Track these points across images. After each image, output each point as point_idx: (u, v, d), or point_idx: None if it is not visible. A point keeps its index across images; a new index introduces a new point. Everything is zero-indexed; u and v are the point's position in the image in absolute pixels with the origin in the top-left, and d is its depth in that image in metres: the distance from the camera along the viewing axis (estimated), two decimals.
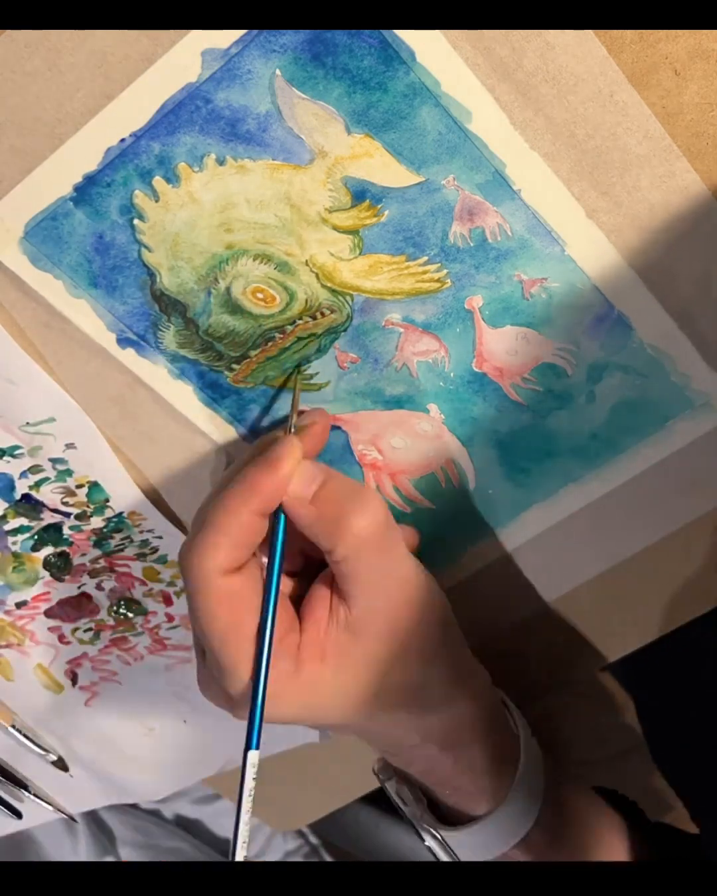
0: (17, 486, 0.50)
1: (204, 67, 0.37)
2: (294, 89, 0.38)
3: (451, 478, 0.48)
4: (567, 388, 0.45)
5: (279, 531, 0.40)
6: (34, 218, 0.40)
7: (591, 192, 0.40)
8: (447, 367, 0.45)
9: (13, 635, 0.57)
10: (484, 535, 0.50)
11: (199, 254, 0.41)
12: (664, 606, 0.53)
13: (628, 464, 0.47)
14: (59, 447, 0.47)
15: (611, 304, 0.43)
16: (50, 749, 0.62)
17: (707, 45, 0.37)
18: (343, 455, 0.47)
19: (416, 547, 0.48)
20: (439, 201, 0.40)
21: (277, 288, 0.42)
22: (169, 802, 0.83)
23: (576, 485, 0.48)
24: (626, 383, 0.45)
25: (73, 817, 0.67)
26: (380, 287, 0.42)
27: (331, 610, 0.41)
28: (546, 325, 0.44)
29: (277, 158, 0.39)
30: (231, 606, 0.38)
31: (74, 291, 0.42)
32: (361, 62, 0.37)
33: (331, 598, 0.41)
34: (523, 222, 0.41)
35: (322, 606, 0.41)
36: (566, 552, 0.51)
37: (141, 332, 0.43)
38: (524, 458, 0.47)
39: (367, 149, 0.39)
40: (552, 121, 0.38)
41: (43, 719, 0.61)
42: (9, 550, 0.52)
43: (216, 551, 0.38)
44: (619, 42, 0.37)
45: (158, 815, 0.82)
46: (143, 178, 0.39)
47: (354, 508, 0.39)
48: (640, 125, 0.38)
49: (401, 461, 0.48)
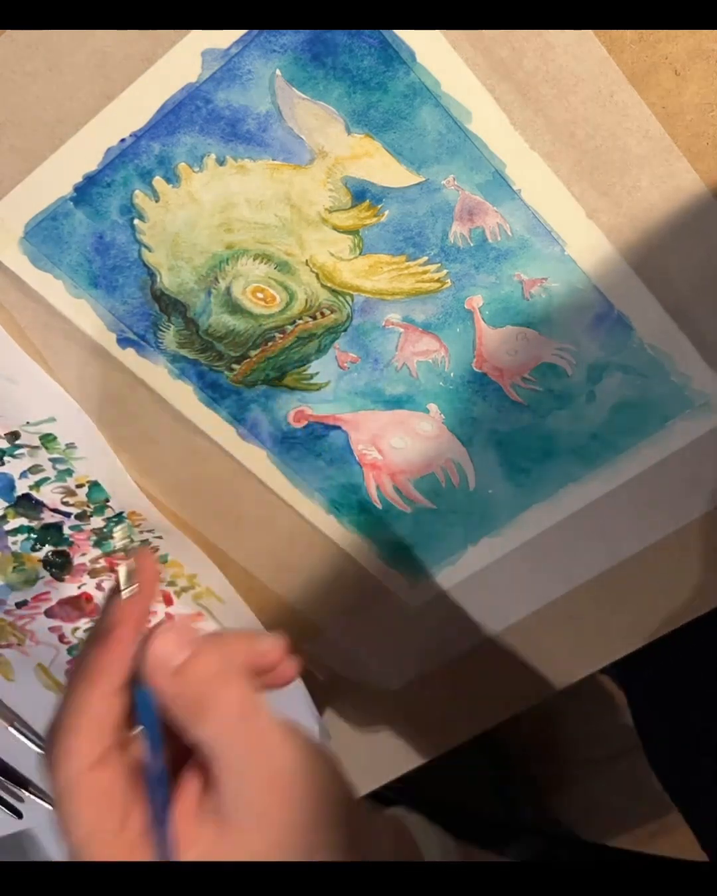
0: (17, 486, 0.49)
1: (204, 67, 0.37)
2: (294, 89, 0.38)
3: (451, 478, 0.48)
4: (567, 388, 0.45)
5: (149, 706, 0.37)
6: (34, 218, 0.40)
7: (591, 192, 0.40)
8: (447, 367, 0.45)
9: (13, 635, 0.56)
10: (484, 535, 0.50)
11: (199, 254, 0.41)
12: (663, 606, 0.53)
13: (628, 464, 0.47)
14: (59, 447, 0.47)
15: (611, 304, 0.43)
16: None
17: (707, 45, 0.37)
18: (343, 455, 0.47)
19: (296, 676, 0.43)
20: (439, 201, 0.40)
21: (277, 288, 0.42)
22: None
23: (576, 485, 0.48)
24: (626, 383, 0.45)
25: None
26: (380, 287, 0.42)
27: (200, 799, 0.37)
28: (546, 325, 0.44)
29: (278, 158, 0.39)
30: (96, 804, 0.36)
31: (74, 291, 0.42)
32: (361, 62, 0.37)
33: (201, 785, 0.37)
34: (523, 222, 0.41)
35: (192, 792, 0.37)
36: (566, 552, 0.51)
37: (141, 332, 0.43)
38: (524, 458, 0.47)
39: (367, 149, 0.39)
40: (552, 121, 0.38)
41: (43, 719, 0.61)
42: (9, 550, 0.52)
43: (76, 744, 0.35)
44: (619, 42, 0.37)
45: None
46: (143, 178, 0.39)
47: (221, 687, 0.36)
48: (640, 125, 0.38)
49: (401, 461, 0.48)
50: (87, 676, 0.36)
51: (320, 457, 0.47)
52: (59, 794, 0.36)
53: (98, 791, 0.36)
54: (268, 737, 0.37)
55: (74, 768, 0.35)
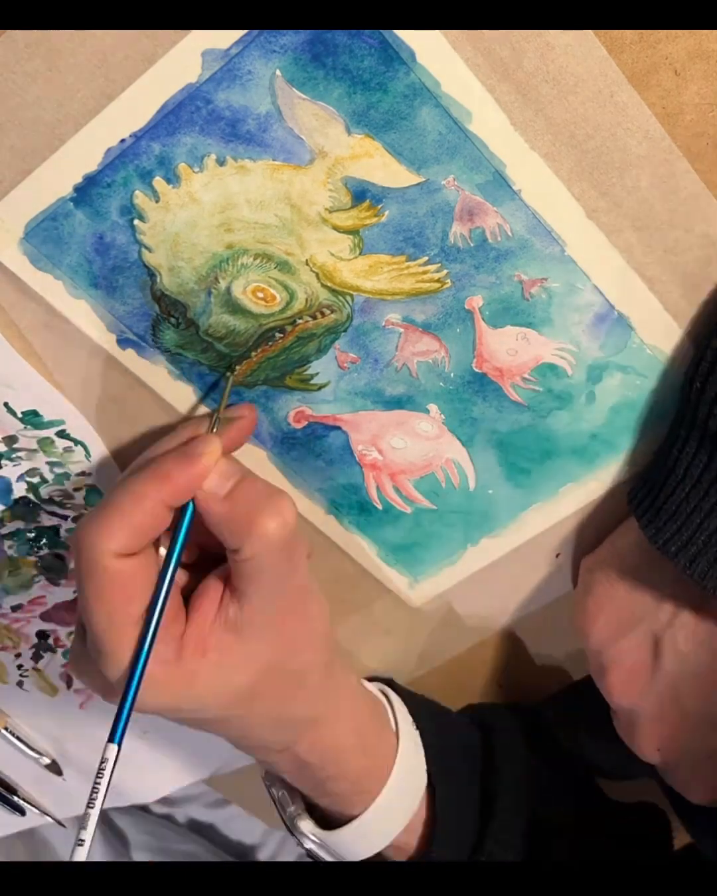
0: (14, 489, 0.49)
1: (204, 68, 0.37)
2: (294, 90, 0.38)
3: (451, 478, 0.48)
4: (567, 388, 0.46)
5: (184, 524, 0.39)
6: (34, 218, 0.40)
7: (591, 192, 0.40)
8: (447, 367, 0.45)
9: (8, 638, 0.56)
10: (484, 535, 0.50)
11: (199, 254, 0.41)
12: None
13: (627, 464, 0.48)
14: (57, 450, 0.47)
15: (611, 304, 0.43)
16: (44, 752, 0.62)
17: (707, 45, 0.37)
18: (343, 455, 0.47)
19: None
20: (440, 201, 0.40)
21: (277, 287, 0.42)
22: (182, 806, 0.82)
23: (576, 485, 0.48)
24: (626, 383, 0.45)
25: (62, 822, 0.67)
26: (380, 287, 0.42)
27: (220, 606, 0.40)
28: (546, 325, 0.44)
29: (278, 159, 0.39)
30: (120, 589, 0.37)
31: (74, 292, 0.42)
32: (361, 62, 0.37)
33: (223, 594, 0.40)
34: (523, 222, 0.41)
35: (212, 601, 0.40)
36: (566, 553, 0.51)
37: (141, 332, 0.43)
38: (524, 458, 0.47)
39: (367, 149, 0.39)
40: (552, 121, 0.39)
41: (37, 722, 0.61)
42: (4, 554, 0.52)
43: (115, 534, 0.37)
44: (619, 42, 0.37)
45: (171, 819, 0.82)
46: (143, 178, 0.39)
47: (267, 510, 0.38)
48: (640, 125, 0.39)
49: (401, 461, 0.48)
50: (154, 481, 0.37)
51: (320, 457, 0.47)
52: (82, 572, 0.37)
53: (122, 576, 0.37)
54: (301, 565, 0.40)
55: (105, 551, 0.37)
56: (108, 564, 0.37)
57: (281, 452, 0.47)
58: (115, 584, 0.37)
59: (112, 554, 0.37)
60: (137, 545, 0.38)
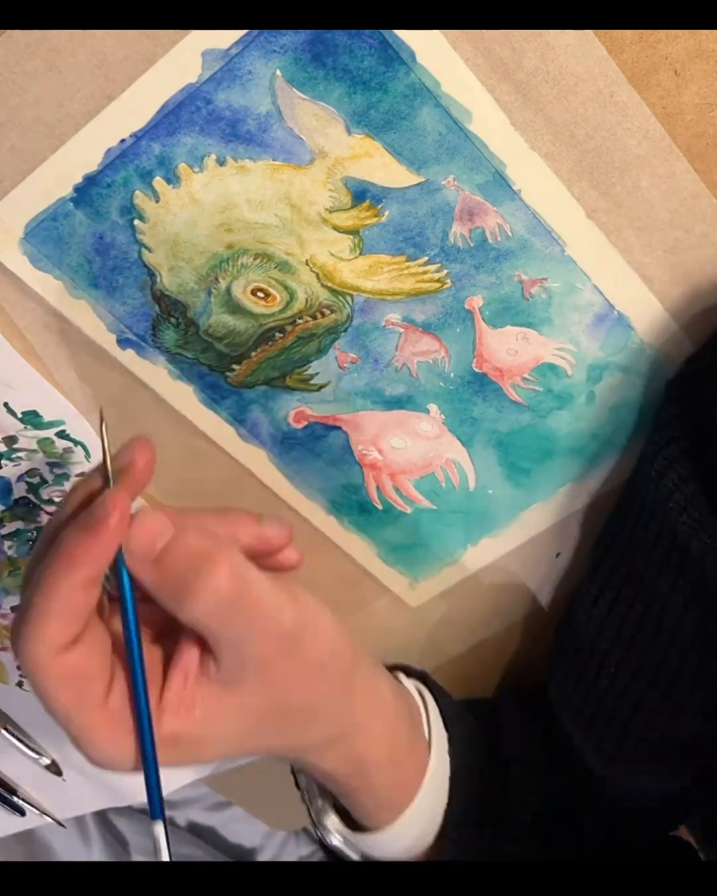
0: (14, 490, 0.49)
1: (204, 68, 0.37)
2: (294, 90, 0.38)
3: (451, 478, 0.48)
4: (567, 388, 0.46)
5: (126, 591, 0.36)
6: (34, 218, 0.40)
7: (591, 192, 0.40)
8: (447, 367, 0.45)
9: (8, 638, 0.56)
10: (484, 535, 0.50)
11: (199, 254, 0.41)
12: None
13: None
14: (57, 451, 0.47)
15: (611, 304, 0.43)
16: (44, 752, 0.62)
17: (707, 45, 0.37)
18: (343, 455, 0.47)
19: (298, 564, 0.42)
20: (440, 201, 0.40)
21: (277, 287, 0.42)
22: (182, 809, 0.82)
23: (576, 485, 0.48)
24: (626, 383, 0.45)
25: (62, 823, 0.67)
26: (380, 287, 0.42)
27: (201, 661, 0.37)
28: (546, 325, 0.44)
29: (278, 159, 0.39)
30: (70, 685, 0.35)
31: (74, 292, 0.42)
32: (361, 62, 0.37)
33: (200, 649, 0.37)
34: (524, 222, 0.41)
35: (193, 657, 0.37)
36: (566, 552, 0.51)
37: (141, 332, 0.43)
38: (524, 458, 0.47)
39: (367, 149, 0.39)
40: (552, 121, 0.39)
41: (37, 723, 0.61)
42: (4, 555, 0.52)
43: (45, 634, 0.34)
44: (619, 42, 0.37)
45: (172, 822, 0.82)
46: (143, 178, 0.39)
47: (202, 573, 0.34)
48: (640, 125, 0.39)
49: (401, 461, 0.48)
50: (66, 563, 0.34)
51: (321, 457, 0.47)
52: (29, 677, 0.35)
53: (70, 672, 0.35)
54: (264, 607, 0.36)
55: (42, 653, 0.34)
56: (52, 664, 0.34)
57: (281, 453, 0.47)
58: (68, 678, 0.35)
59: (51, 653, 0.34)
60: (73, 632, 0.35)
